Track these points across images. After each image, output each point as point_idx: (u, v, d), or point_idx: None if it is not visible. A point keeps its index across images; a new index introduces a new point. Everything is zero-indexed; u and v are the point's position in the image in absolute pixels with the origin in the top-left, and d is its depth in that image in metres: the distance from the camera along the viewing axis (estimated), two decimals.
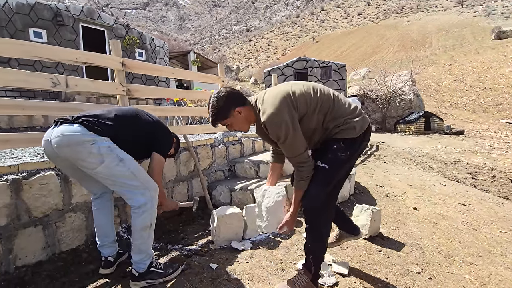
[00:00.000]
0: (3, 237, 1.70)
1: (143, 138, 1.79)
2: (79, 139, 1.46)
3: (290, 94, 1.48)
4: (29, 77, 1.88)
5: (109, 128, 1.58)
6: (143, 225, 1.61)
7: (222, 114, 1.53)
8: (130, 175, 1.57)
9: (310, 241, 1.65)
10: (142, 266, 1.66)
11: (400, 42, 46.16)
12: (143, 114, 1.85)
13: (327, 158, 1.52)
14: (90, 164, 1.50)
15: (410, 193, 4.05)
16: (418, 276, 2.02)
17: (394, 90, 13.84)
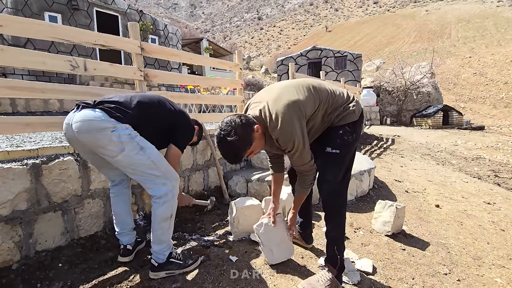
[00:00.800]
0: (23, 221, 1.68)
1: (164, 127, 1.71)
2: (99, 126, 1.39)
3: (298, 103, 1.43)
4: (47, 58, 1.82)
5: (130, 115, 1.51)
6: (164, 215, 1.56)
7: (247, 142, 1.40)
8: (150, 164, 1.51)
9: (332, 230, 1.63)
10: (161, 257, 1.62)
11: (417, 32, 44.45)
12: (166, 102, 1.75)
13: (335, 143, 1.55)
14: (110, 152, 1.44)
15: (431, 189, 3.90)
16: (446, 277, 1.93)
17: (412, 82, 13.34)
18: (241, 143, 1.38)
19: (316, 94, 1.50)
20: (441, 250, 2.28)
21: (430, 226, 2.74)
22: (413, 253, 2.19)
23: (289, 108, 1.40)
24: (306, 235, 2.07)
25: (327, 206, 1.61)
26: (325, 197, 1.59)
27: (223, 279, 1.65)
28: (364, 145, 7.15)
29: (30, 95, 1.73)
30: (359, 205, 3.02)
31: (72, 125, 1.41)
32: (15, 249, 1.65)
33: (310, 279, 1.63)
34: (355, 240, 2.28)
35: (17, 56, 1.69)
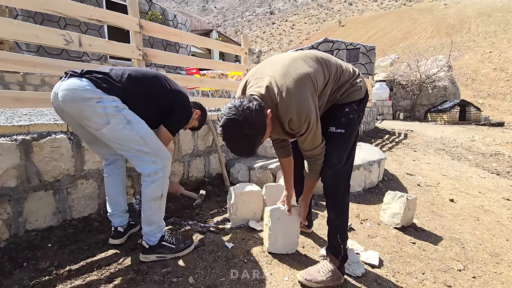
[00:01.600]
0: (12, 199, 1.62)
1: (156, 106, 1.58)
2: (84, 95, 1.30)
3: (310, 76, 1.24)
4: (40, 31, 1.74)
5: (119, 88, 1.41)
6: (153, 195, 1.48)
7: (262, 132, 1.20)
8: (138, 140, 1.41)
9: (336, 217, 1.49)
10: (152, 239, 1.54)
11: (435, 27, 42.94)
12: (162, 79, 1.63)
13: (340, 122, 1.40)
14: (95, 124, 1.35)
15: (445, 183, 3.69)
16: (460, 274, 1.77)
17: (428, 75, 12.77)
18: (257, 134, 1.17)
19: (325, 66, 1.33)
20: (455, 245, 2.12)
21: (444, 220, 2.56)
22: (424, 247, 2.03)
23: (301, 83, 1.21)
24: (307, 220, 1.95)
25: (331, 191, 1.47)
26: (329, 182, 1.45)
27: (216, 265, 1.55)
28: (375, 139, 6.91)
29: (21, 68, 1.66)
30: (367, 197, 2.86)
31: (58, 93, 1.33)
32: (3, 227, 1.60)
33: (310, 269, 1.51)
34: (361, 232, 2.14)
35: (8, 27, 1.62)
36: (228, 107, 1.16)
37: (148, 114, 1.54)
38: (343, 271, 1.52)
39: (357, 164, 2.89)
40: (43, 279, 1.39)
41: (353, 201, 2.69)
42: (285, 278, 1.48)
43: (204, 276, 1.45)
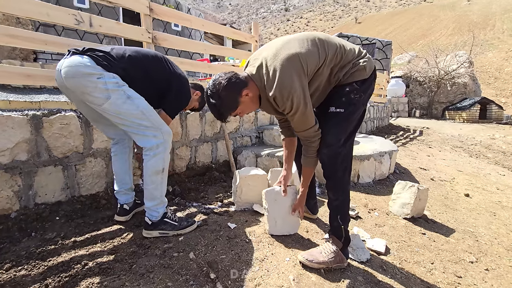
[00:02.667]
0: (23, 172, 1.67)
1: (155, 87, 1.59)
2: (85, 71, 1.32)
3: (299, 57, 1.25)
4: (52, 10, 1.78)
5: (118, 66, 1.42)
6: (154, 169, 1.48)
7: (230, 106, 1.32)
8: (139, 114, 1.42)
9: (335, 198, 1.46)
10: (155, 214, 1.55)
11: (456, 24, 41.31)
12: (162, 60, 1.64)
13: (340, 101, 1.38)
14: (96, 100, 1.36)
15: (461, 179, 3.54)
16: (472, 265, 1.69)
17: (447, 71, 12.25)
18: (224, 106, 1.30)
19: (322, 47, 1.31)
20: (468, 238, 2.03)
21: (457, 213, 2.46)
22: (434, 238, 1.95)
23: (288, 62, 1.24)
24: (311, 206, 1.92)
25: (329, 171, 1.42)
26: (326, 162, 1.41)
27: (218, 243, 1.54)
28: (388, 135, 6.73)
29: (32, 45, 1.70)
30: (376, 188, 2.79)
31: (61, 70, 1.35)
32: (14, 198, 1.65)
33: (312, 250, 1.48)
34: (369, 220, 2.08)
35: (20, 4, 1.66)
36: (214, 77, 1.33)
37: (147, 94, 1.54)
38: (346, 254, 1.48)
39: (367, 155, 2.81)
40: (49, 247, 1.43)
41: (362, 191, 2.63)
42: (286, 259, 1.45)
43: (205, 253, 1.44)
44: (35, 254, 1.36)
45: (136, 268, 1.29)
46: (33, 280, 1.18)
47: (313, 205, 1.93)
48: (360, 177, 2.82)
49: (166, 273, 1.27)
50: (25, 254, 1.35)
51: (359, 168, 2.79)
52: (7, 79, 1.65)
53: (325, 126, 1.39)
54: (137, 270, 1.28)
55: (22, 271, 1.23)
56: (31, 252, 1.37)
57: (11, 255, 1.34)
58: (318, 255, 1.42)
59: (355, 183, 2.80)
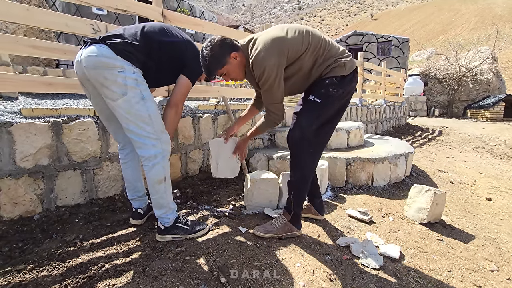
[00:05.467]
0: (45, 176, 1.76)
1: (173, 57, 1.59)
2: (107, 63, 1.33)
3: (283, 39, 1.45)
4: (69, 20, 1.86)
5: (136, 48, 1.42)
6: (156, 178, 1.51)
7: (218, 61, 1.47)
8: (146, 118, 1.44)
9: (293, 174, 1.66)
10: (166, 220, 1.59)
11: (479, 18, 39.48)
12: (172, 29, 1.63)
13: (319, 92, 1.53)
14: (112, 94, 1.37)
15: (482, 182, 3.39)
16: (493, 274, 1.62)
17: (468, 68, 11.73)
18: (213, 59, 1.45)
19: (306, 37, 1.49)
20: (489, 245, 1.94)
21: (478, 219, 2.36)
22: (452, 244, 1.89)
23: (272, 42, 1.43)
24: (316, 205, 1.92)
25: (295, 150, 1.61)
26: (293, 142, 1.59)
27: (229, 247, 1.56)
28: (405, 135, 6.54)
29: (52, 55, 1.79)
30: (391, 191, 2.72)
31: (82, 60, 1.35)
32: (37, 201, 1.74)
33: (266, 223, 1.74)
34: (383, 225, 2.04)
35: (41, 17, 1.75)
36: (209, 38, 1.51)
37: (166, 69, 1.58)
38: (298, 226, 1.70)
39: (381, 157, 2.75)
40: (68, 249, 1.49)
41: (376, 195, 2.57)
42: (297, 264, 1.45)
43: (216, 257, 1.47)
44: (56, 255, 1.43)
45: (149, 270, 1.33)
46: (54, 281, 1.24)
47: (318, 205, 1.92)
48: (375, 180, 2.77)
49: (178, 276, 1.30)
50: (46, 255, 1.42)
51: (374, 171, 2.74)
52: (30, 88, 1.75)
53: (302, 111, 1.58)
54: (150, 273, 1.31)
55: (43, 272, 1.30)
56: (52, 253, 1.44)
57: (34, 256, 1.42)
58: (269, 227, 1.69)
59: (369, 186, 2.75)
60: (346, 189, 2.68)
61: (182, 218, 1.67)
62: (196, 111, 2.65)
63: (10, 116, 1.66)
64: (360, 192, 2.63)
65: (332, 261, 1.52)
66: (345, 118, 5.05)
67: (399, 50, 12.99)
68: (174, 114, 1.64)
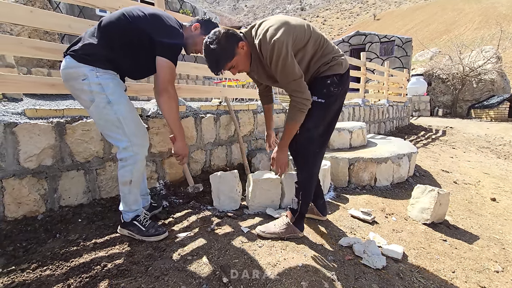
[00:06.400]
0: (48, 176, 1.77)
1: (140, 40, 1.44)
2: (71, 74, 1.38)
3: (289, 23, 1.41)
4: (73, 22, 1.88)
5: (94, 47, 1.38)
6: (122, 179, 1.53)
7: (228, 53, 1.41)
8: (115, 121, 1.43)
9: (301, 177, 1.64)
10: (125, 216, 1.64)
11: (483, 17, 39.14)
12: (134, 11, 1.46)
13: (322, 92, 1.51)
14: (84, 102, 1.43)
15: (487, 182, 3.36)
16: (497, 275, 1.61)
17: (472, 68, 11.64)
18: (223, 52, 1.39)
19: (308, 28, 1.47)
20: (494, 246, 1.92)
21: (482, 219, 2.34)
22: (456, 245, 1.87)
23: (280, 23, 1.39)
24: (319, 206, 1.91)
25: (301, 152, 1.60)
26: (301, 143, 1.56)
27: (231, 247, 1.56)
28: (409, 135, 6.50)
29: (55, 56, 1.80)
30: (394, 192, 2.70)
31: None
32: (41, 201, 1.75)
33: (268, 223, 1.73)
34: (386, 226, 2.02)
35: (45, 18, 1.76)
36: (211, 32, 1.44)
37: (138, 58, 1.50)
38: (300, 227, 1.68)
39: (384, 157, 2.74)
40: (71, 249, 1.50)
41: (379, 195, 2.56)
42: (299, 264, 1.44)
43: (218, 257, 1.47)
44: (59, 255, 1.44)
45: (151, 270, 1.33)
46: (57, 280, 1.25)
47: (321, 205, 1.92)
48: (378, 180, 2.75)
49: (180, 276, 1.30)
50: (50, 255, 1.43)
51: (376, 171, 2.72)
52: (34, 89, 1.76)
53: (307, 114, 1.50)
54: (153, 272, 1.32)
55: (47, 271, 1.31)
56: (55, 253, 1.45)
57: (38, 255, 1.43)
58: (272, 227, 1.68)
59: (372, 186, 2.73)
60: (348, 189, 2.67)
61: (142, 217, 1.66)
62: (198, 111, 2.66)
63: (14, 117, 1.68)
64: (363, 192, 2.62)
65: (335, 261, 1.51)
66: (347, 118, 5.03)
67: (402, 50, 12.92)
68: (167, 100, 1.51)
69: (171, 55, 1.49)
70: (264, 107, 1.97)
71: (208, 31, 1.55)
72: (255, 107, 3.19)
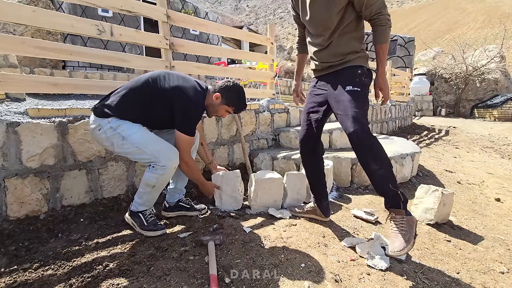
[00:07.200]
0: (51, 176, 1.77)
1: (159, 111, 1.58)
2: (92, 129, 1.56)
3: None
4: (75, 22, 1.88)
5: (114, 108, 1.52)
6: (146, 181, 1.59)
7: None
8: (136, 150, 1.53)
9: (379, 166, 1.43)
10: (133, 208, 1.69)
11: (486, 16, 38.88)
12: (158, 79, 1.58)
13: (355, 81, 1.50)
14: (109, 147, 1.58)
15: (491, 182, 3.33)
16: (502, 276, 1.58)
17: (475, 67, 11.54)
18: None
19: None
20: (499, 247, 1.90)
21: (487, 219, 2.31)
22: (460, 246, 1.85)
23: None
24: (323, 207, 1.89)
25: (365, 144, 1.43)
26: (360, 136, 1.41)
27: (233, 247, 1.55)
28: (411, 135, 6.46)
29: (58, 56, 1.80)
30: None
31: None
32: (43, 200, 1.75)
33: (393, 239, 1.42)
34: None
35: (47, 18, 1.77)
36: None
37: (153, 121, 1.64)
38: (408, 213, 1.48)
39: None
40: (73, 248, 1.50)
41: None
42: (302, 265, 1.43)
43: (220, 257, 1.46)
44: (61, 254, 1.44)
45: (153, 270, 1.33)
46: (59, 280, 1.25)
47: (325, 207, 1.89)
48: None
49: (182, 276, 1.29)
50: (52, 254, 1.43)
51: None
52: (36, 89, 1.77)
53: (350, 104, 1.45)
54: (155, 272, 1.31)
55: (49, 271, 1.30)
56: (57, 252, 1.45)
57: (40, 255, 1.43)
58: (402, 238, 1.39)
59: None
60: (351, 189, 2.66)
61: (148, 213, 1.70)
62: None
63: (16, 116, 1.68)
64: (366, 192, 2.60)
65: (338, 262, 1.50)
66: None
67: (404, 49, 12.85)
68: (185, 167, 1.69)
69: (190, 131, 1.62)
70: (299, 55, 1.96)
71: (229, 101, 1.72)
72: (257, 107, 3.18)
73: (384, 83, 1.54)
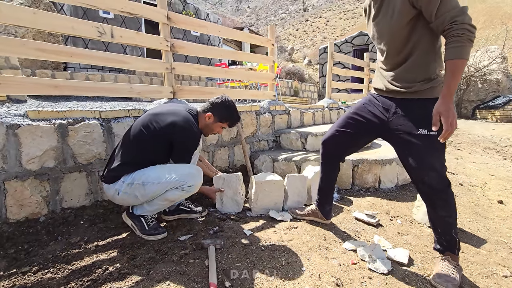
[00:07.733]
0: (51, 178, 1.77)
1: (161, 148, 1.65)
2: (112, 197, 1.64)
3: None
4: (76, 24, 1.88)
5: (120, 169, 1.58)
6: (169, 196, 1.61)
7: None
8: (161, 186, 1.56)
9: (449, 215, 1.46)
10: (136, 210, 1.68)
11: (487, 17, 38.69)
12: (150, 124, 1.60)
13: (430, 123, 1.25)
14: (135, 202, 1.62)
15: (493, 184, 3.31)
16: (506, 280, 1.56)
17: (477, 68, 11.52)
18: None
19: None
20: (502, 250, 1.88)
21: (489, 222, 2.29)
22: (463, 249, 1.83)
23: None
24: (325, 212, 1.88)
25: (443, 193, 1.41)
26: (439, 186, 1.39)
27: (233, 250, 1.54)
28: None
29: (59, 58, 1.80)
30: (399, 194, 2.67)
31: None
32: (43, 203, 1.75)
33: (442, 275, 1.41)
34: (390, 229, 1.99)
35: (48, 20, 1.77)
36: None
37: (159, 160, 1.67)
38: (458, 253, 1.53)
39: (388, 159, 2.70)
40: (73, 251, 1.49)
41: (383, 197, 2.53)
42: (303, 268, 1.42)
43: (220, 260, 1.45)
44: (61, 257, 1.43)
45: (153, 274, 1.32)
46: (58, 283, 1.24)
47: (328, 211, 1.89)
48: (382, 182, 2.72)
49: (182, 280, 1.28)
50: (51, 258, 1.42)
51: (381, 172, 2.69)
52: (37, 90, 1.76)
53: (423, 152, 1.34)
54: (154, 276, 1.30)
55: (48, 274, 1.30)
56: (57, 255, 1.44)
57: (39, 258, 1.42)
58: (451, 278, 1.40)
59: (376, 188, 2.70)
60: (352, 191, 2.64)
61: (150, 218, 1.70)
62: None
63: (16, 118, 1.68)
64: (367, 194, 2.58)
65: (339, 265, 1.48)
66: None
67: None
68: None
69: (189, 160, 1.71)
70: None
71: (221, 117, 1.77)
72: (258, 108, 3.17)
73: (448, 109, 1.17)
